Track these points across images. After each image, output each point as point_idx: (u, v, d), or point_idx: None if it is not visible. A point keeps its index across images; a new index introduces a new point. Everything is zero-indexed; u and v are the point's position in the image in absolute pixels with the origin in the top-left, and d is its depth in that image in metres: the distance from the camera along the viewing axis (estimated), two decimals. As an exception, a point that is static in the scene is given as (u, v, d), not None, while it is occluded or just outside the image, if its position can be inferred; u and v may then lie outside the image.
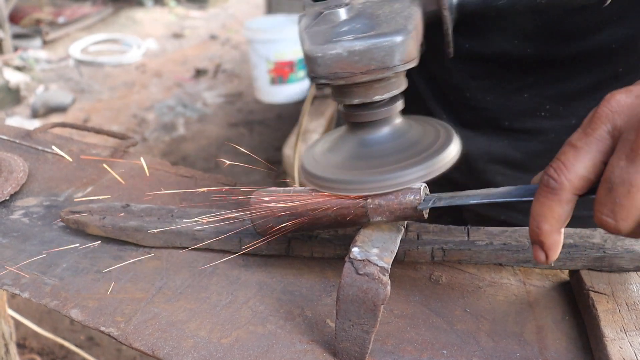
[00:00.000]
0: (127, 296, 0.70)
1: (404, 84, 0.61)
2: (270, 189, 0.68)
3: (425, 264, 0.74)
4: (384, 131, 0.63)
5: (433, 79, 0.86)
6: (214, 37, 6.08)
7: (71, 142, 1.09)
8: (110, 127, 4.11)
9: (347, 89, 0.60)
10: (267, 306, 0.68)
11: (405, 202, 0.58)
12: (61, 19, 6.00)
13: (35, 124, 4.12)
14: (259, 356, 0.61)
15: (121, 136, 1.08)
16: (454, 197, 0.59)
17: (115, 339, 0.65)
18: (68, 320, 2.37)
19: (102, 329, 0.66)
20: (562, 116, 0.79)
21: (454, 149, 0.61)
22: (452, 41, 0.60)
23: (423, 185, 0.59)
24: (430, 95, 0.87)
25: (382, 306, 0.56)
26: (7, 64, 4.86)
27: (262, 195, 0.67)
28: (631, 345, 0.57)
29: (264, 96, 4.44)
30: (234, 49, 5.75)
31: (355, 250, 0.57)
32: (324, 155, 0.65)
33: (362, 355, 0.58)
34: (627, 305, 0.63)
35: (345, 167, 0.62)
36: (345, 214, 0.61)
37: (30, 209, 0.89)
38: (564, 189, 0.48)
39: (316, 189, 0.63)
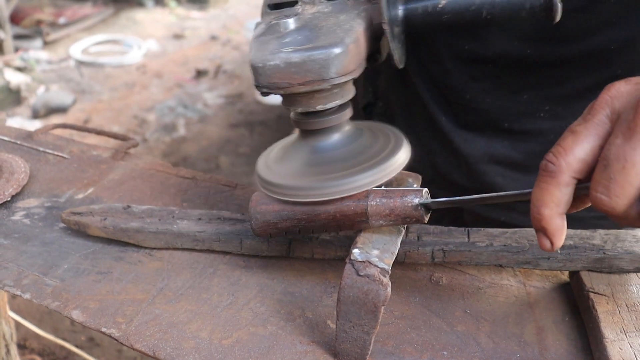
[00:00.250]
0: (128, 297, 0.70)
1: (348, 93, 0.63)
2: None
3: (425, 266, 0.74)
4: (334, 138, 0.64)
5: (432, 81, 0.87)
6: (214, 37, 6.09)
7: (72, 143, 1.09)
8: (111, 128, 4.11)
9: (291, 98, 0.61)
10: (268, 307, 0.68)
11: (407, 207, 0.59)
12: (62, 20, 6.00)
13: (36, 124, 4.12)
14: (259, 357, 0.61)
15: (122, 137, 1.08)
16: (452, 199, 0.59)
17: (116, 340, 0.65)
18: (69, 321, 2.37)
19: (103, 330, 0.66)
20: (562, 117, 0.79)
21: (403, 154, 0.62)
22: (400, 53, 0.62)
23: (424, 189, 0.59)
24: (430, 97, 0.87)
25: (383, 307, 0.56)
26: (7, 64, 4.86)
27: (261, 198, 0.67)
28: (631, 347, 0.57)
29: (264, 97, 4.44)
30: (234, 50, 5.75)
31: (355, 251, 0.57)
32: (276, 162, 0.67)
33: (362, 356, 0.59)
34: (627, 306, 0.63)
35: (296, 173, 0.63)
36: (345, 218, 0.61)
37: (31, 210, 0.89)
38: (562, 171, 0.49)
39: (270, 195, 0.64)
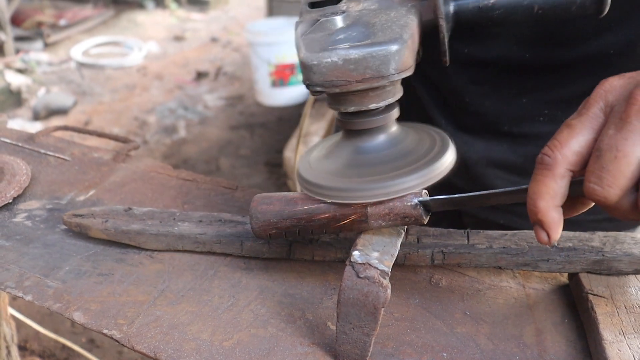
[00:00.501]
0: (130, 299, 0.70)
1: (399, 92, 0.62)
2: (270, 193, 0.68)
3: (425, 267, 0.74)
4: (380, 139, 0.63)
5: (432, 84, 0.87)
6: (215, 39, 6.09)
7: (73, 145, 1.10)
8: (112, 130, 4.12)
9: (343, 97, 0.60)
10: (269, 309, 0.68)
11: (406, 206, 0.59)
12: (63, 22, 6.01)
13: (37, 126, 4.13)
14: (260, 359, 0.61)
15: (123, 139, 1.09)
16: (450, 197, 0.59)
17: (117, 341, 0.65)
18: (69, 322, 2.37)
19: (105, 331, 0.66)
20: (561, 121, 0.79)
21: (450, 157, 0.61)
22: (448, 49, 0.61)
23: (423, 191, 0.60)
24: (430, 100, 0.88)
25: (383, 309, 0.56)
26: (8, 66, 4.87)
27: (262, 199, 0.67)
28: (629, 348, 0.58)
29: (264, 99, 4.45)
30: (235, 52, 5.76)
31: (356, 253, 0.58)
32: (319, 162, 0.65)
33: (362, 357, 0.59)
34: (625, 308, 0.63)
35: (340, 174, 0.62)
36: (345, 220, 0.61)
37: (33, 212, 0.89)
38: (558, 163, 0.49)
39: (311, 195, 0.63)
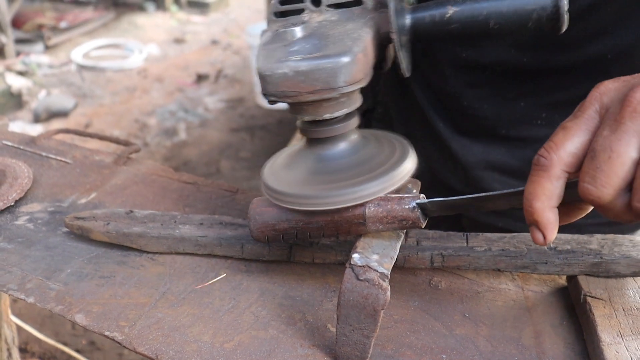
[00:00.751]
0: (131, 301, 0.71)
1: (356, 102, 0.63)
2: None
3: (424, 270, 0.75)
4: (340, 147, 0.64)
5: (430, 87, 0.87)
6: (215, 42, 6.10)
7: (75, 148, 1.10)
8: (112, 132, 4.13)
9: (297, 107, 0.61)
10: (269, 311, 0.69)
11: (404, 209, 0.59)
12: (63, 24, 6.02)
13: (38, 128, 4.13)
14: (261, 360, 0.62)
15: (124, 142, 1.09)
16: (447, 199, 0.60)
17: (119, 343, 0.66)
18: (70, 325, 2.38)
19: (107, 333, 0.67)
20: (558, 124, 0.80)
21: (409, 164, 0.62)
22: (407, 62, 0.62)
23: (421, 195, 0.60)
24: (428, 103, 0.88)
25: (382, 311, 0.57)
26: (9, 68, 4.88)
27: (261, 201, 0.68)
28: (627, 350, 0.58)
29: (265, 101, 4.44)
30: (235, 54, 5.77)
31: (355, 256, 0.58)
32: (283, 170, 0.67)
33: (362, 359, 0.59)
34: (623, 310, 0.64)
35: (303, 181, 0.63)
36: (343, 220, 0.62)
37: (34, 215, 0.90)
38: (554, 165, 0.50)
39: (276, 203, 0.64)
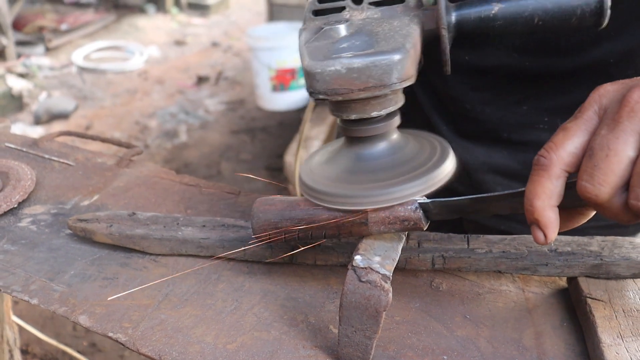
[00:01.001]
0: (134, 303, 0.71)
1: (401, 100, 0.62)
2: (272, 197, 0.69)
3: (425, 272, 0.75)
4: (381, 146, 0.63)
5: (433, 91, 0.88)
6: (215, 44, 6.12)
7: (77, 150, 1.11)
8: (113, 134, 4.13)
9: (345, 105, 0.61)
10: (272, 313, 0.69)
11: (406, 209, 0.60)
12: (64, 26, 6.03)
13: (38, 130, 4.14)
14: (263, 361, 0.62)
15: (126, 145, 1.10)
16: (449, 199, 0.60)
17: (123, 344, 0.66)
18: (71, 326, 2.38)
19: (110, 334, 0.67)
20: None
21: (450, 164, 0.62)
22: (450, 59, 0.62)
23: (423, 197, 0.60)
24: (430, 106, 0.89)
25: (384, 312, 0.57)
26: (10, 70, 4.89)
27: (265, 200, 0.68)
28: (627, 351, 0.59)
29: (265, 103, 4.46)
30: (235, 56, 5.78)
31: (357, 258, 0.58)
32: (320, 168, 0.66)
33: (364, 360, 0.60)
34: (623, 311, 0.64)
35: (341, 180, 0.63)
36: (345, 220, 0.62)
37: (37, 217, 0.90)
38: (553, 164, 0.51)
39: (312, 200, 0.64)
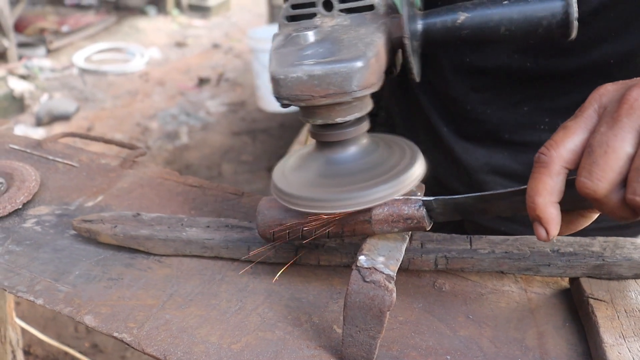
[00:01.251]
0: (139, 303, 0.72)
1: (367, 106, 0.63)
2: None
3: (428, 272, 0.75)
4: (351, 150, 0.64)
5: (434, 92, 0.88)
6: (216, 46, 6.12)
7: (81, 151, 1.11)
8: (114, 136, 4.14)
9: (310, 110, 0.62)
10: (276, 313, 0.70)
11: (410, 207, 0.60)
12: (65, 28, 6.04)
13: (40, 132, 4.15)
14: (268, 361, 0.63)
15: (130, 146, 1.10)
16: (452, 197, 0.61)
17: (128, 344, 0.66)
18: (72, 327, 2.38)
19: (115, 334, 0.67)
20: None
21: (419, 168, 0.62)
22: (418, 67, 0.63)
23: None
24: (431, 108, 0.89)
25: (388, 312, 0.57)
26: (11, 72, 4.89)
27: (270, 199, 0.69)
28: (629, 351, 0.59)
29: (266, 105, 4.47)
30: (236, 58, 5.79)
31: (362, 258, 0.59)
32: (292, 173, 0.67)
33: (368, 360, 0.60)
34: (625, 312, 0.64)
35: (313, 184, 0.63)
36: (349, 218, 0.63)
37: (42, 218, 0.91)
38: (553, 161, 0.52)
39: (285, 204, 0.64)
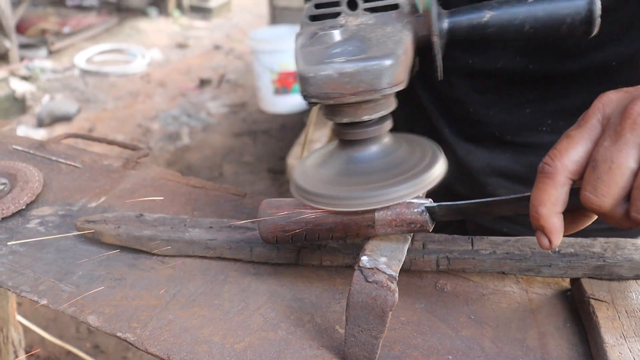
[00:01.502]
0: (142, 303, 0.72)
1: (393, 104, 0.64)
2: (278, 199, 0.70)
3: (430, 273, 0.76)
4: (373, 149, 0.65)
5: (436, 93, 0.89)
6: (217, 47, 6.13)
7: (84, 152, 1.12)
8: (115, 137, 4.15)
9: (337, 109, 0.62)
10: (278, 313, 0.70)
11: (412, 212, 0.61)
12: (66, 29, 6.05)
13: (41, 133, 4.16)
14: (271, 361, 0.63)
15: (132, 147, 1.11)
16: (455, 203, 0.61)
17: (131, 344, 0.67)
18: (74, 328, 2.39)
19: (119, 334, 0.68)
20: (563, 131, 0.81)
21: (440, 167, 0.63)
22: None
23: (429, 200, 0.61)
24: (434, 109, 0.89)
25: (390, 312, 0.58)
26: (13, 73, 4.90)
27: (271, 203, 0.69)
28: (630, 351, 0.59)
29: (267, 106, 4.47)
30: (237, 59, 5.79)
31: (364, 258, 0.59)
32: (314, 170, 0.67)
33: (370, 360, 0.61)
34: (626, 312, 0.65)
35: (334, 182, 0.64)
36: (352, 222, 0.63)
37: (45, 218, 0.91)
38: (558, 172, 0.52)
39: (305, 202, 0.65)
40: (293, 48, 0.65)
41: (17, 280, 0.77)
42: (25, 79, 4.92)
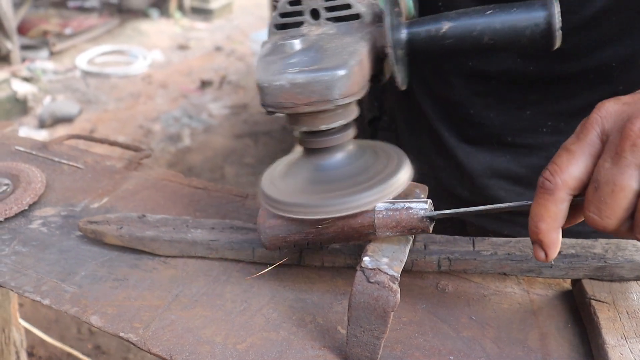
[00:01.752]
0: (145, 303, 0.73)
1: (352, 113, 0.64)
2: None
3: (432, 273, 0.76)
4: (337, 157, 0.65)
5: (436, 96, 0.89)
6: (219, 48, 6.13)
7: (86, 153, 1.12)
8: (117, 138, 4.15)
9: (295, 118, 0.63)
10: (280, 313, 0.70)
11: (413, 219, 0.61)
12: (68, 31, 6.05)
13: (43, 134, 4.16)
14: (273, 361, 0.63)
15: (135, 148, 1.11)
16: (455, 211, 0.61)
17: (134, 344, 0.67)
18: (75, 329, 2.39)
19: (121, 334, 0.68)
20: (564, 132, 0.81)
21: (405, 174, 0.63)
22: (403, 75, 0.64)
23: (429, 200, 0.62)
24: (434, 112, 0.90)
25: (392, 313, 0.58)
26: (14, 74, 4.90)
27: (268, 213, 0.69)
28: (631, 352, 0.60)
29: (270, 116, 4.46)
30: (239, 61, 5.80)
31: (366, 259, 0.60)
32: (281, 179, 0.68)
33: (372, 360, 0.61)
34: (627, 313, 0.65)
35: (300, 190, 0.64)
36: (353, 230, 0.63)
37: (48, 219, 0.91)
38: (558, 189, 0.52)
39: (273, 211, 0.65)
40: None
41: (20, 280, 0.77)
42: (26, 80, 4.93)
